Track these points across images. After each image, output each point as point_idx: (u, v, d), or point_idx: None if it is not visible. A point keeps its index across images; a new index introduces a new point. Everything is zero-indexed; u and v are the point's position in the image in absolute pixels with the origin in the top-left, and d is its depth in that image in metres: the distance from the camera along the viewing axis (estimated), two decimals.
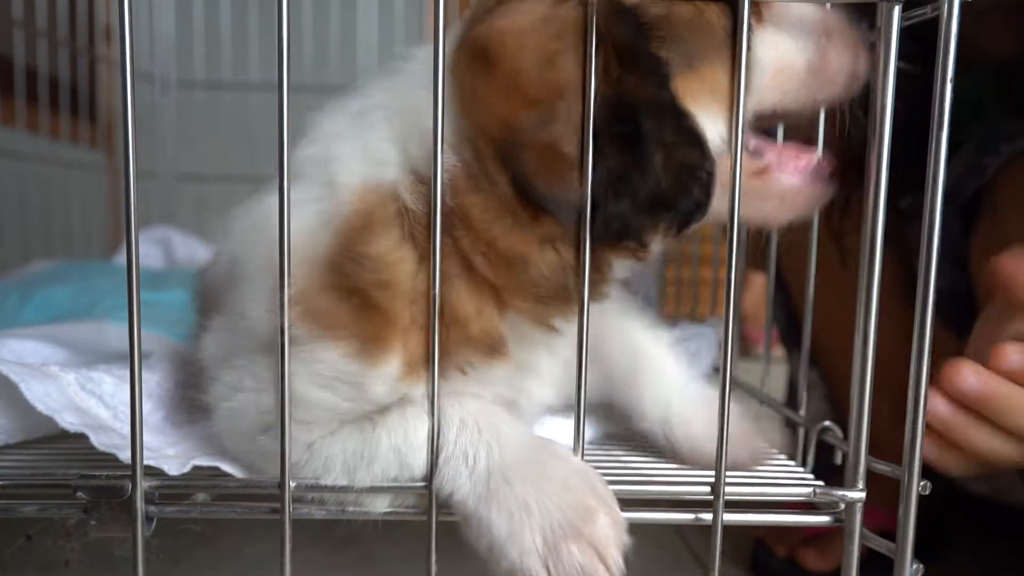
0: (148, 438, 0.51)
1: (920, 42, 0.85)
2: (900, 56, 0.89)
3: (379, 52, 1.89)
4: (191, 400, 0.55)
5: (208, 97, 1.86)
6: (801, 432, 0.60)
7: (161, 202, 1.83)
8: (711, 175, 0.43)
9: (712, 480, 0.45)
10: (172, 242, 1.58)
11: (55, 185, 1.87)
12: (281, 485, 0.43)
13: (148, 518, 0.44)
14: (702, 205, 0.43)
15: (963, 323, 0.97)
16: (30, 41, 1.78)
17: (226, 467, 0.48)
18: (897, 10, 0.44)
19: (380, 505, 0.47)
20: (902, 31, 0.45)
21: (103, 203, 2.19)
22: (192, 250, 1.52)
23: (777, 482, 0.48)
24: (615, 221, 0.42)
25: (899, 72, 0.94)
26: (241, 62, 1.86)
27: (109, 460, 0.47)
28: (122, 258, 1.51)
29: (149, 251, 1.52)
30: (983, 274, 0.88)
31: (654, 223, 0.43)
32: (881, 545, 0.47)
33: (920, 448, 0.46)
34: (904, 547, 0.46)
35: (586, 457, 0.46)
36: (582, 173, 0.41)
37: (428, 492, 0.45)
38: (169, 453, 0.51)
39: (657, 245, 0.46)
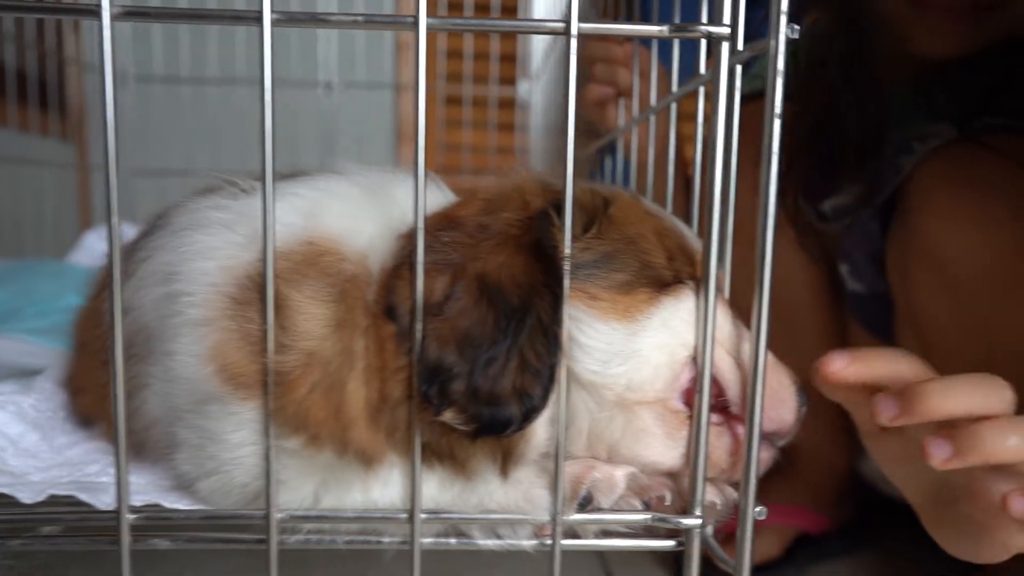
0: (16, 462, 0.52)
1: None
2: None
3: (339, 47, 1.89)
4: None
5: (166, 92, 1.86)
6: None
7: (119, 198, 1.82)
8: (536, 406, 0.43)
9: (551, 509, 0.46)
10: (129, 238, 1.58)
11: (25, 180, 1.88)
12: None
13: None
14: (509, 424, 0.43)
15: (883, 325, 0.98)
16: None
17: (84, 496, 0.49)
18: (726, 46, 0.45)
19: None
20: None
21: (74, 197, 2.20)
22: None
23: (619, 508, 0.49)
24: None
25: (819, 78, 0.94)
26: (199, 57, 1.85)
27: None
28: (75, 256, 1.50)
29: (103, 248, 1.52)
30: (896, 274, 0.89)
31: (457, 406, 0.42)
32: (727, 564, 0.48)
33: (755, 470, 0.47)
34: (742, 565, 0.47)
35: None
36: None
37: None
38: (35, 479, 0.52)
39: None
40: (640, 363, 0.47)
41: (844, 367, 0.47)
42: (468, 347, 0.43)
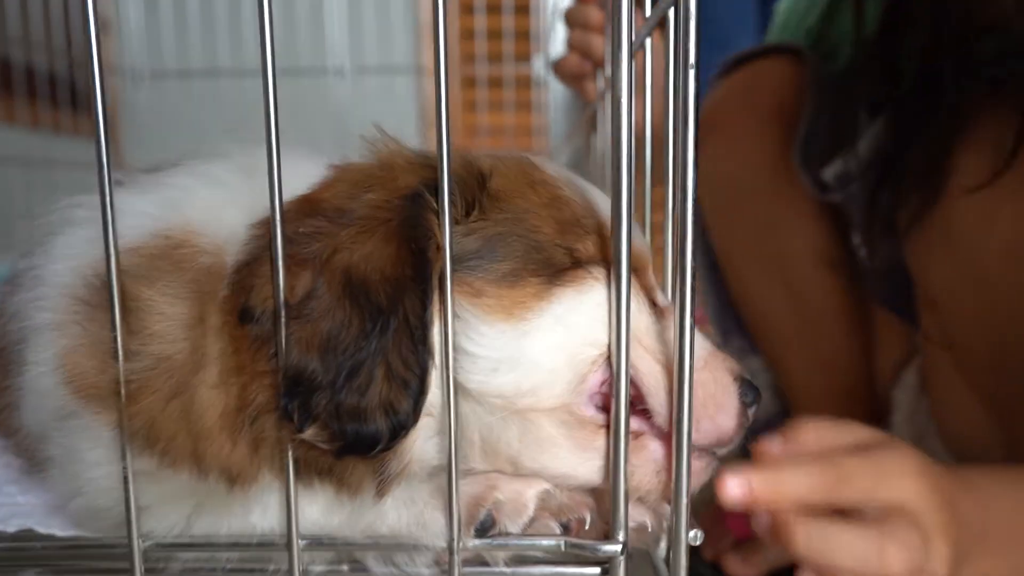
0: None
1: None
2: None
3: (349, 32, 1.85)
4: None
5: (180, 87, 1.85)
6: None
7: None
8: (404, 422, 0.37)
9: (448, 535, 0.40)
10: None
11: (59, 182, 1.91)
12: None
13: None
14: (376, 442, 0.37)
15: (905, 301, 0.88)
16: (26, 40, 1.81)
17: None
18: None
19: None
20: None
21: None
22: None
23: (534, 531, 0.43)
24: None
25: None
26: (209, 50, 1.84)
27: None
28: None
29: None
30: (911, 249, 0.79)
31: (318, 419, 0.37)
32: None
33: (686, 488, 0.40)
34: None
35: None
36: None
37: None
38: None
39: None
40: (530, 369, 0.40)
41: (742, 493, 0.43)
42: (331, 354, 0.37)
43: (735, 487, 0.44)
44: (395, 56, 2.20)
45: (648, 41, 0.54)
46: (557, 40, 1.97)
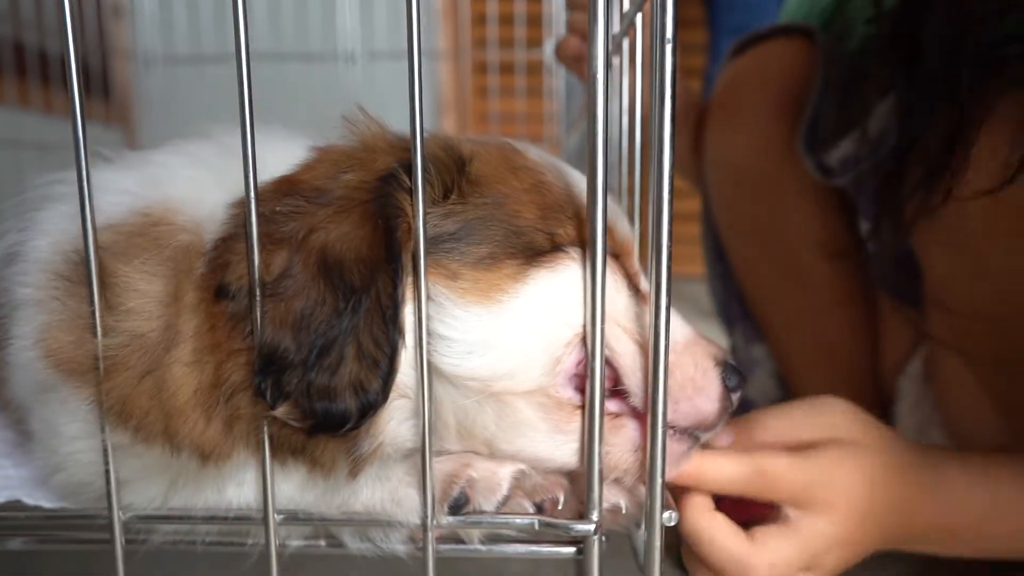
0: None
1: None
2: None
3: (360, 18, 1.84)
4: None
5: (192, 71, 1.86)
6: None
7: None
8: (373, 402, 0.37)
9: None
10: None
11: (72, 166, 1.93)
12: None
13: None
14: (345, 421, 0.37)
15: (912, 289, 0.86)
16: (39, 24, 1.82)
17: None
18: None
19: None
20: None
21: None
22: None
23: (509, 510, 0.43)
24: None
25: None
26: (222, 34, 1.84)
27: None
28: None
29: None
30: (919, 236, 0.78)
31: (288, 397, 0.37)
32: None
33: (661, 469, 0.39)
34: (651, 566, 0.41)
35: None
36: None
37: None
38: None
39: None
40: (505, 351, 0.40)
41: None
42: (304, 332, 0.37)
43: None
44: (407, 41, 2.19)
45: (639, 18, 0.53)
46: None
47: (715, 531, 0.45)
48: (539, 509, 0.42)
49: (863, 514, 0.46)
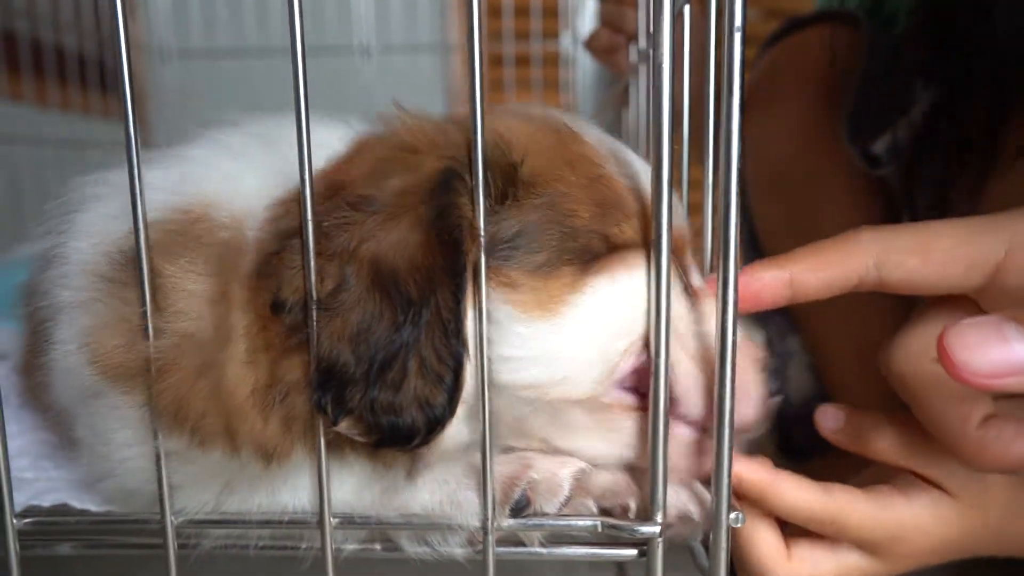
0: None
1: None
2: None
3: (375, 9, 1.83)
4: None
5: (207, 65, 1.85)
6: None
7: None
8: (440, 417, 0.37)
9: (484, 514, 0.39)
10: None
11: (90, 162, 1.92)
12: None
13: None
14: (413, 436, 0.36)
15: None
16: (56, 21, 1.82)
17: None
18: None
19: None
20: None
21: None
22: None
23: (563, 514, 0.42)
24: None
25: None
26: (236, 28, 1.84)
27: None
28: None
29: None
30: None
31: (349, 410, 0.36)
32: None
33: (728, 471, 0.38)
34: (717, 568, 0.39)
35: None
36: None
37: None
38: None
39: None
40: (562, 363, 0.39)
41: None
42: (363, 345, 0.36)
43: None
44: (421, 34, 2.18)
45: (687, 8, 0.52)
46: (586, 16, 1.93)
47: (753, 530, 0.44)
48: (603, 511, 0.41)
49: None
